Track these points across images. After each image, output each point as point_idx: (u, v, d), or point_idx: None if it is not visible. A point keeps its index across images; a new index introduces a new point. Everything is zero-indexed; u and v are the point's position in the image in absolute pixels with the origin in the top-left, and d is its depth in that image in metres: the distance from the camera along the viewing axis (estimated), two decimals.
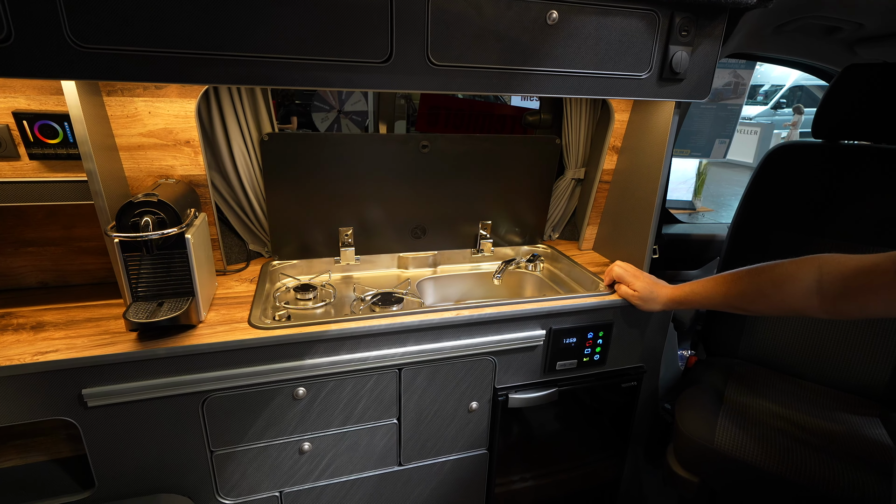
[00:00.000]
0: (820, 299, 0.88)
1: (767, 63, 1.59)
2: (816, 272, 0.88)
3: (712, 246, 1.89)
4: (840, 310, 0.86)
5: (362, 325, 1.03)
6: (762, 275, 0.97)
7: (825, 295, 0.87)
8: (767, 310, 0.98)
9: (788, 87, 11.78)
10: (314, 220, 1.35)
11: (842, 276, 0.85)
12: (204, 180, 1.15)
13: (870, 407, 1.30)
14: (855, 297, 0.83)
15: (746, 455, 1.13)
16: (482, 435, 1.25)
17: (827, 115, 1.39)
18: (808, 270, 0.89)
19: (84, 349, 0.91)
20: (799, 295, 0.90)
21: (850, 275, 0.83)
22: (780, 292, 0.93)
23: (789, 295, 0.92)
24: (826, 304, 0.87)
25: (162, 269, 0.98)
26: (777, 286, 0.94)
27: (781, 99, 11.42)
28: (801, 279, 0.90)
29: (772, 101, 11.46)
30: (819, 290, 0.88)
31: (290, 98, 3.37)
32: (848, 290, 0.84)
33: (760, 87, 12.22)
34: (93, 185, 0.94)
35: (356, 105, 2.30)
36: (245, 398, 1.01)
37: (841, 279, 0.85)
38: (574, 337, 1.22)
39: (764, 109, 11.36)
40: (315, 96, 2.32)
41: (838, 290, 0.85)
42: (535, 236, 1.60)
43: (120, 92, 1.01)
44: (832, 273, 0.86)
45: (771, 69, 12.96)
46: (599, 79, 1.09)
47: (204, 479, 1.05)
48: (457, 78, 1.00)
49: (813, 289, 0.88)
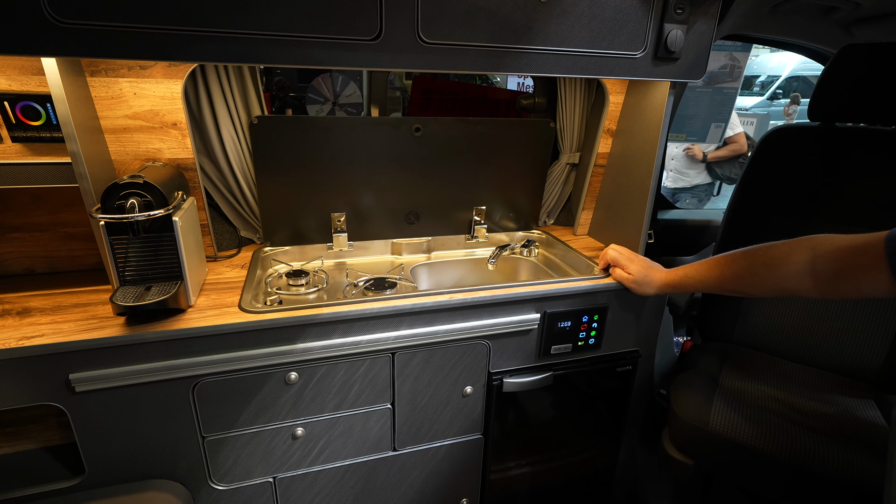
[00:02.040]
0: (813, 280, 0.87)
1: (763, 45, 1.57)
2: (809, 253, 0.88)
3: (708, 231, 1.89)
4: (833, 290, 0.86)
5: (355, 309, 1.02)
6: (756, 256, 0.97)
7: (818, 275, 0.87)
8: (761, 291, 0.98)
9: (785, 77, 11.75)
10: (306, 205, 1.34)
11: (834, 256, 0.84)
12: (192, 164, 1.13)
13: (864, 389, 1.30)
14: (847, 276, 0.83)
15: (741, 436, 1.13)
16: (477, 420, 1.24)
17: (823, 97, 1.38)
18: (802, 251, 0.89)
19: (71, 334, 0.89)
20: (792, 276, 0.90)
21: (842, 255, 0.83)
22: (774, 273, 0.93)
23: (783, 276, 0.91)
24: (819, 285, 0.87)
25: (149, 252, 0.97)
26: (770, 267, 0.93)
27: (778, 89, 11.39)
28: (794, 260, 0.89)
29: (768, 92, 11.44)
30: (812, 271, 0.87)
31: (285, 90, 3.33)
32: (840, 269, 0.83)
33: (757, 77, 12.19)
34: (77, 167, 0.92)
35: (351, 97, 2.28)
36: (236, 383, 1.00)
37: (833, 259, 0.84)
38: (569, 321, 1.21)
39: (761, 100, 11.34)
40: (310, 88, 2.30)
41: (831, 270, 0.85)
42: (530, 222, 1.59)
43: (104, 72, 0.98)
44: (825, 253, 0.86)
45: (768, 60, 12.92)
46: (593, 58, 1.07)
47: (196, 465, 1.04)
48: (448, 56, 0.98)
49: (806, 269, 0.88)
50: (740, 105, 11.04)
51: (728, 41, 1.61)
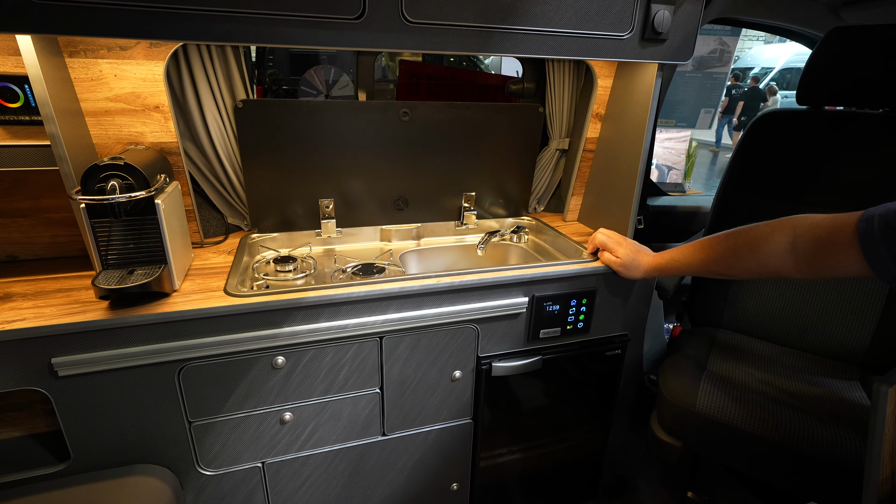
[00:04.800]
0: (794, 259, 0.88)
1: (752, 29, 1.57)
2: (790, 232, 0.88)
3: (697, 218, 1.89)
4: (812, 269, 0.86)
5: (341, 292, 1.02)
6: (738, 238, 0.97)
7: (799, 255, 0.87)
8: (745, 272, 0.98)
9: (779, 69, 11.79)
10: (293, 191, 1.33)
11: (813, 235, 0.85)
12: (176, 148, 1.12)
13: (850, 371, 1.31)
14: (823, 255, 0.83)
15: (727, 417, 1.14)
16: (466, 404, 1.25)
17: (810, 81, 1.38)
18: (783, 231, 0.89)
19: (53, 318, 0.88)
20: (774, 256, 0.90)
21: (820, 233, 0.84)
22: (757, 254, 0.93)
23: (765, 256, 0.92)
24: (800, 264, 0.88)
25: (132, 236, 0.95)
26: (752, 248, 0.94)
27: (771, 81, 11.42)
28: (775, 240, 0.90)
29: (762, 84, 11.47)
30: (793, 251, 0.88)
31: (278, 83, 3.30)
32: (818, 248, 0.84)
33: (750, 69, 12.22)
34: (56, 149, 0.91)
35: (344, 90, 2.27)
36: (222, 367, 0.99)
37: (813, 239, 0.85)
38: (557, 304, 1.21)
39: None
40: (302, 81, 2.28)
41: (810, 249, 0.85)
42: (520, 208, 1.59)
43: (82, 53, 0.97)
44: (804, 233, 0.86)
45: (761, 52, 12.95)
46: (580, 39, 1.06)
47: (183, 451, 1.04)
48: (433, 36, 0.97)
49: (787, 249, 0.88)
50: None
51: (717, 25, 1.61)
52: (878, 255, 0.75)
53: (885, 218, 0.74)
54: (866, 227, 0.76)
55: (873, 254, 0.75)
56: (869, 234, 0.75)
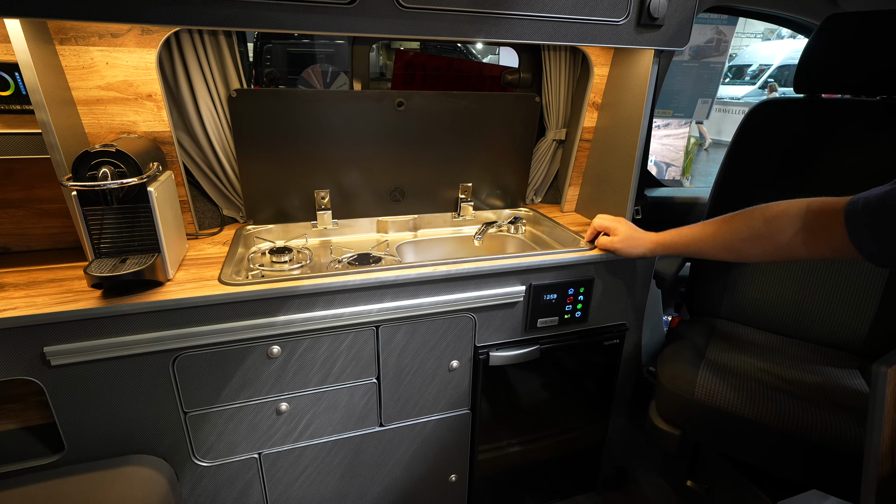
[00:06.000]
0: (804, 236, 0.87)
1: (748, 17, 1.56)
2: (805, 206, 0.88)
3: (696, 209, 1.88)
4: (819, 247, 0.86)
5: (336, 281, 1.01)
6: (754, 213, 0.95)
7: (809, 230, 0.86)
8: (756, 250, 0.96)
9: (777, 66, 11.78)
10: (289, 182, 1.32)
11: (822, 211, 0.85)
12: (169, 137, 1.11)
13: (849, 360, 1.31)
14: (827, 233, 0.83)
15: (726, 404, 1.13)
16: (464, 394, 1.24)
17: (807, 69, 1.37)
18: (799, 205, 0.89)
19: (45, 307, 0.88)
20: (788, 231, 0.89)
21: (828, 210, 0.84)
22: (771, 228, 0.91)
23: (780, 230, 0.90)
24: (809, 242, 0.87)
25: (125, 224, 0.95)
26: (769, 222, 0.92)
27: (769, 78, 11.42)
28: (791, 214, 0.89)
29: (759, 81, 11.47)
30: (804, 226, 0.87)
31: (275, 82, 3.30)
32: (825, 225, 0.84)
33: (748, 66, 12.21)
34: (47, 137, 0.90)
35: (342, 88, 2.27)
36: (217, 357, 0.99)
37: (821, 214, 0.85)
38: (554, 293, 1.21)
39: (752, 89, 11.36)
40: (300, 80, 2.27)
41: (820, 225, 0.85)
42: (517, 199, 1.58)
43: (73, 40, 0.96)
44: (816, 209, 0.86)
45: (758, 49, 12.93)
46: (575, 24, 1.06)
47: (178, 441, 1.03)
48: (426, 22, 0.96)
49: (800, 224, 0.88)
50: (732, 94, 11.08)
51: (713, 14, 1.60)
52: (860, 235, 0.76)
53: (868, 200, 0.76)
54: (852, 207, 0.77)
55: (856, 234, 0.76)
56: (853, 214, 0.77)
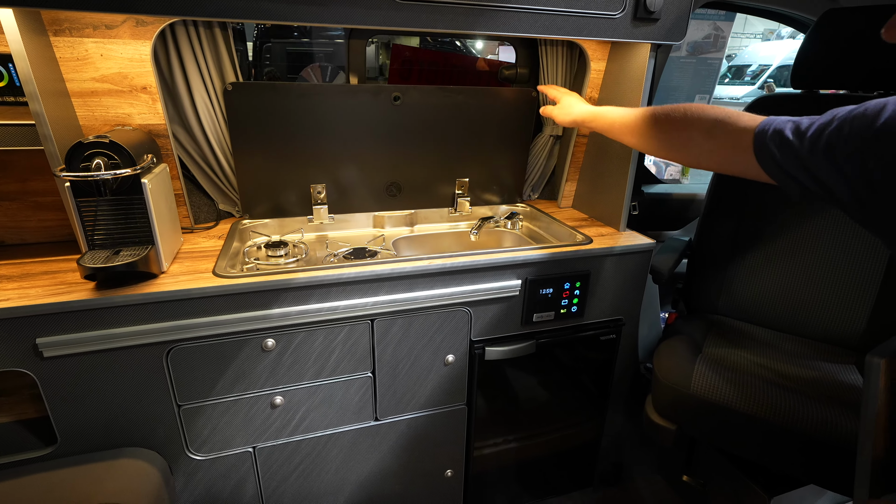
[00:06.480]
0: (710, 147, 0.83)
1: (745, 13, 1.56)
2: (724, 115, 0.82)
3: (693, 206, 1.88)
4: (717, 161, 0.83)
5: (331, 273, 1.01)
6: (677, 108, 0.90)
7: (714, 143, 0.82)
8: (665, 142, 0.90)
9: (776, 66, 11.78)
10: (285, 176, 1.32)
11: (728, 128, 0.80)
12: (164, 130, 1.11)
13: (846, 355, 1.30)
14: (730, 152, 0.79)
15: (722, 398, 1.13)
16: (460, 389, 1.24)
17: (804, 65, 1.37)
18: (714, 112, 0.84)
19: (38, 298, 0.87)
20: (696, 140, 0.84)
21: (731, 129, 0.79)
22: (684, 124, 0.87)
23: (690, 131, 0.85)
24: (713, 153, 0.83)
25: (119, 216, 0.94)
26: (686, 113, 0.87)
27: (769, 79, 11.42)
28: (706, 119, 0.84)
29: (759, 81, 11.48)
30: (710, 137, 0.82)
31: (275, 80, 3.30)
32: (726, 143, 0.80)
33: (748, 67, 12.22)
34: (41, 128, 0.90)
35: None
36: (211, 349, 0.98)
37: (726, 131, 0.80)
38: (550, 288, 1.20)
39: (751, 90, 11.37)
40: (299, 79, 2.27)
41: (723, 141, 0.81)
42: (514, 195, 1.58)
43: (67, 31, 0.95)
44: (724, 124, 0.81)
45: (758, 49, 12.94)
46: (571, 17, 1.06)
47: (173, 435, 1.02)
48: (422, 14, 0.96)
49: (707, 133, 0.83)
50: (732, 95, 11.09)
51: (711, 9, 1.60)
52: (767, 156, 0.73)
53: (772, 122, 0.73)
54: (762, 129, 0.74)
55: (763, 155, 0.73)
56: (762, 136, 0.74)
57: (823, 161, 0.67)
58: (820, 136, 0.68)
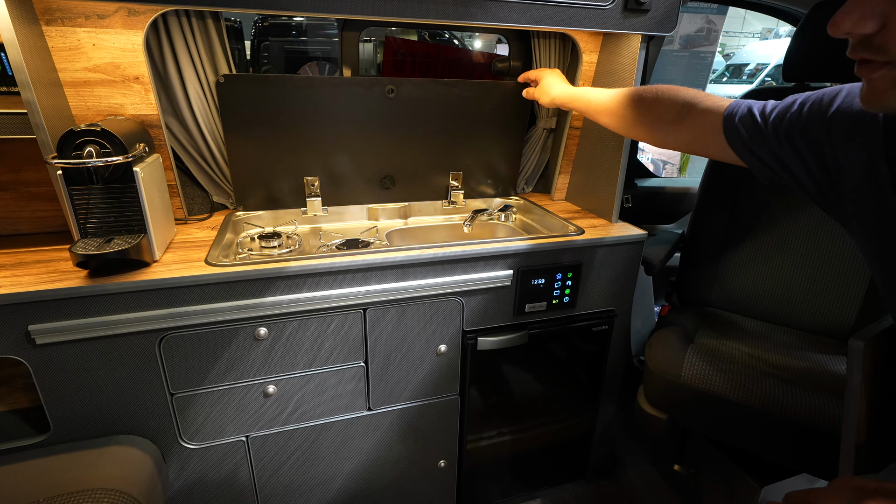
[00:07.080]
0: (678, 128, 0.85)
1: (737, 7, 1.57)
2: (692, 99, 0.84)
3: (686, 200, 1.89)
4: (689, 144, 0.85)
5: (323, 262, 1.01)
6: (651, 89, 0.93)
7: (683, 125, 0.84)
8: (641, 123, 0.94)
9: (774, 65, 11.79)
10: (278, 168, 1.32)
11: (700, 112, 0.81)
12: (157, 121, 1.11)
13: (836, 347, 1.31)
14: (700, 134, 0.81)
15: (712, 387, 1.14)
16: (452, 379, 1.24)
17: (795, 58, 1.38)
18: (686, 94, 0.86)
19: (30, 286, 0.88)
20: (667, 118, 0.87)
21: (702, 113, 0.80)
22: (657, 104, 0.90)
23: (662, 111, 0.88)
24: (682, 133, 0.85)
25: (111, 205, 0.95)
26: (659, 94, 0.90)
27: (766, 77, 11.44)
28: (678, 100, 0.86)
29: (756, 80, 11.49)
30: (679, 119, 0.84)
31: None
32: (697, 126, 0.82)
33: (746, 65, 12.23)
34: (33, 117, 0.90)
35: None
36: (204, 337, 0.99)
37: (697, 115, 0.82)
38: (542, 278, 1.21)
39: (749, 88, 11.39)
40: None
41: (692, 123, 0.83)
42: (508, 188, 1.59)
43: (59, 21, 0.96)
44: (696, 109, 0.82)
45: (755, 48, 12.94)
46: (561, 8, 1.06)
47: (165, 423, 1.03)
48: (413, 4, 0.97)
49: (678, 114, 0.85)
50: (731, 93, 11.11)
51: (702, 2, 1.61)
52: (736, 137, 0.74)
53: (741, 104, 0.75)
54: (731, 112, 0.75)
55: (733, 136, 0.75)
56: (731, 118, 0.75)
57: (787, 146, 0.68)
58: (781, 120, 0.69)
